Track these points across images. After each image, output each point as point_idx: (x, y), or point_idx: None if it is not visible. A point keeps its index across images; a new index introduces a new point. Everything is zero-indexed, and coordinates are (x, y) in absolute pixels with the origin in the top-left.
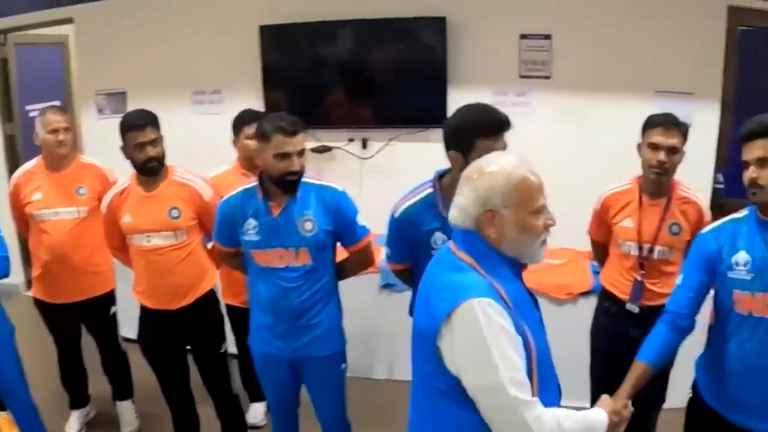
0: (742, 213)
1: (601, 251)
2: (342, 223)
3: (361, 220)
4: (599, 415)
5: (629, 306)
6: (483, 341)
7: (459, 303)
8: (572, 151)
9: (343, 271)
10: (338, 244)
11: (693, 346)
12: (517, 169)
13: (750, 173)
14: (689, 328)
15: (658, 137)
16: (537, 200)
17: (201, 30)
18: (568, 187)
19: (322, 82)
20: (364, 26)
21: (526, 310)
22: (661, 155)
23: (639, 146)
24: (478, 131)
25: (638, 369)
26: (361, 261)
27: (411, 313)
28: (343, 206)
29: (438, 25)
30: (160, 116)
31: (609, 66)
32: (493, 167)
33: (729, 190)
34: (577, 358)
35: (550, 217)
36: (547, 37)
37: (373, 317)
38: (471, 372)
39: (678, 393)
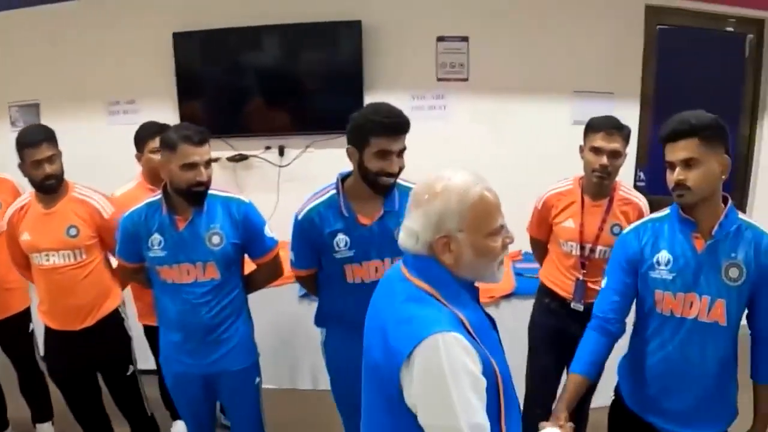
0: (664, 212)
1: (540, 249)
2: (250, 235)
3: (269, 231)
4: None
5: (574, 305)
6: (443, 382)
7: (421, 340)
8: (491, 153)
9: (252, 283)
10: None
11: (618, 346)
12: (471, 187)
13: (676, 175)
14: (619, 332)
15: (600, 141)
16: (495, 220)
17: (114, 38)
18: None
19: (238, 89)
20: (280, 32)
21: (487, 336)
22: (604, 159)
23: (581, 148)
24: (374, 129)
25: (573, 382)
26: (271, 273)
27: (317, 323)
28: (251, 218)
29: (353, 29)
30: (74, 128)
31: (527, 67)
32: (444, 187)
33: (651, 187)
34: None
35: (508, 235)
36: (464, 39)
37: (293, 327)
38: (429, 412)
39: (603, 392)
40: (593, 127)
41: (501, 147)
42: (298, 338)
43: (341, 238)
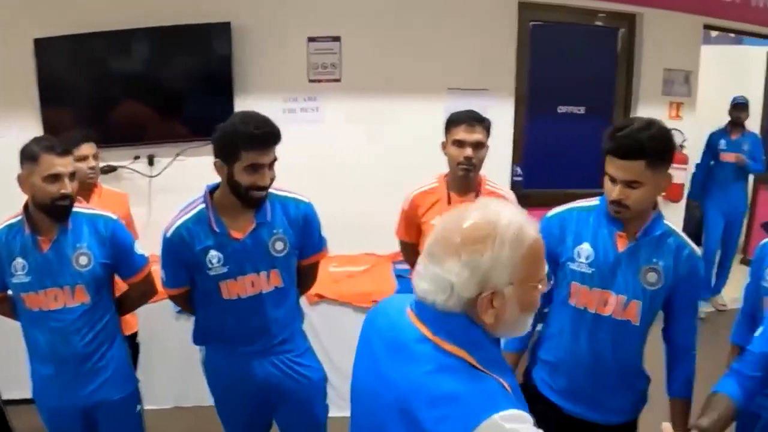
0: (592, 202)
1: (411, 252)
2: (119, 253)
3: (139, 248)
4: None
5: None
6: None
7: (478, 425)
8: (366, 154)
9: (124, 305)
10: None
11: None
12: (526, 231)
13: (617, 194)
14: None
15: (462, 134)
16: (544, 268)
17: None
18: (365, 191)
19: (104, 97)
20: (147, 36)
21: (520, 394)
22: (468, 151)
23: (443, 144)
24: (244, 143)
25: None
26: (144, 293)
27: (196, 341)
28: (119, 235)
29: (222, 30)
30: None
31: (400, 66)
32: (494, 231)
33: (527, 182)
34: None
35: (545, 281)
36: (336, 39)
37: (172, 345)
38: None
39: None
40: (454, 120)
41: (376, 147)
42: (177, 355)
43: (214, 255)
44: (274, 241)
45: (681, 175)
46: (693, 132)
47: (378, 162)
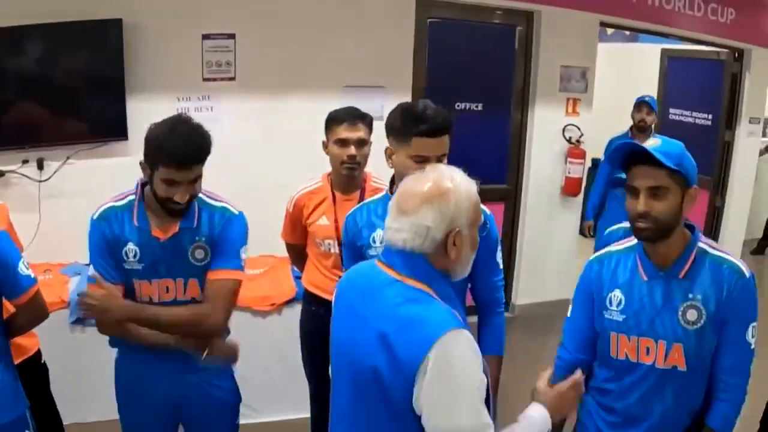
0: (383, 194)
1: (297, 254)
2: (1, 272)
3: (25, 268)
4: (537, 410)
5: None
6: (455, 383)
7: (435, 340)
8: (262, 153)
9: (12, 328)
10: None
11: None
12: (471, 185)
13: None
14: None
15: (345, 132)
16: (481, 214)
17: None
18: (261, 191)
19: None
20: (36, 33)
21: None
22: (351, 149)
23: (324, 144)
24: (164, 159)
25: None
26: (32, 316)
27: (111, 342)
28: (2, 253)
29: (113, 28)
30: None
31: (296, 63)
32: (453, 184)
33: None
34: (290, 369)
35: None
36: (231, 36)
37: (70, 358)
38: (437, 414)
39: None
40: (336, 119)
41: (272, 147)
42: (74, 368)
43: (131, 249)
44: (195, 249)
45: (578, 169)
46: (589, 128)
47: (274, 161)
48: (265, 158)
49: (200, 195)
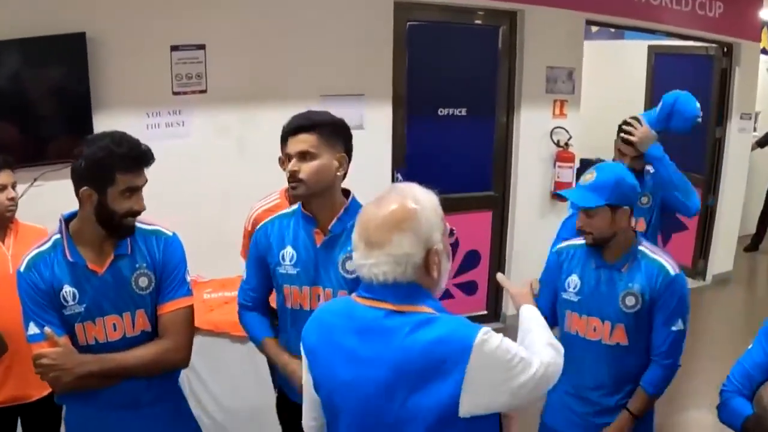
0: (291, 209)
1: None
2: None
3: None
4: (528, 310)
5: None
6: (506, 357)
7: (469, 347)
8: (237, 168)
9: None
10: None
11: None
12: (432, 196)
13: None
14: None
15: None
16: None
17: None
18: (237, 207)
19: None
20: None
21: None
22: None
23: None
24: (120, 165)
25: None
26: None
27: (56, 398)
28: None
29: (77, 42)
30: None
31: (270, 73)
32: (416, 202)
33: None
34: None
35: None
36: (201, 47)
37: None
38: (510, 387)
39: None
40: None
41: (247, 161)
42: None
43: (68, 291)
44: (138, 277)
45: (568, 173)
46: (577, 129)
47: (250, 176)
48: (240, 173)
49: None
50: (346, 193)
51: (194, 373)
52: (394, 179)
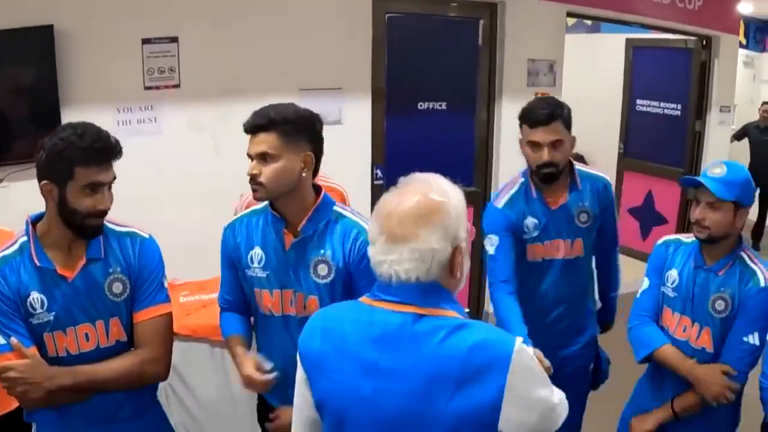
0: (261, 206)
1: None
2: None
3: None
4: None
5: None
6: (538, 374)
7: (509, 359)
8: (213, 166)
9: None
10: None
11: None
12: (459, 191)
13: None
14: None
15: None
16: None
17: None
18: (214, 206)
19: None
20: None
21: None
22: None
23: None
24: (81, 158)
25: None
26: None
27: (25, 416)
28: None
29: (44, 35)
30: None
31: (246, 67)
32: (443, 193)
33: (390, 184)
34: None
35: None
36: (173, 40)
37: None
38: (542, 405)
39: None
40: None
41: (223, 157)
42: None
43: (36, 298)
44: (111, 283)
45: None
46: None
47: (227, 173)
48: (215, 170)
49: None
50: (318, 189)
51: (178, 377)
52: (373, 175)
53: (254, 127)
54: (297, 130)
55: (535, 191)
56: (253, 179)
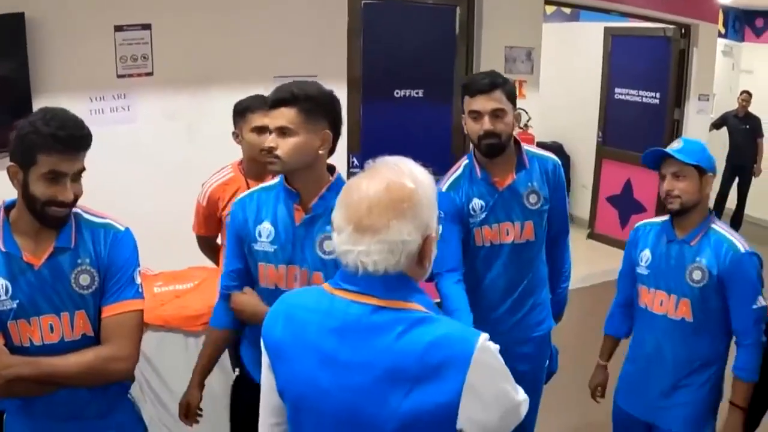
0: (274, 181)
1: (210, 247)
2: None
3: None
4: None
5: None
6: (504, 373)
7: (471, 356)
8: (187, 154)
9: None
10: None
11: None
12: (427, 173)
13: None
14: None
15: (258, 120)
16: None
17: None
18: (188, 195)
19: None
20: None
21: None
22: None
23: (235, 135)
24: (43, 144)
25: None
26: None
27: None
28: None
29: (15, 23)
30: None
31: (220, 54)
32: (414, 179)
33: None
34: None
35: None
36: (146, 27)
37: None
38: (500, 401)
39: None
40: (251, 108)
41: (197, 146)
42: None
43: (1, 284)
44: (79, 274)
45: None
46: (536, 111)
47: (200, 162)
48: (190, 159)
49: (78, 210)
50: (332, 168)
51: (151, 370)
52: (349, 163)
53: (276, 101)
54: (317, 107)
55: (480, 171)
56: (270, 151)
